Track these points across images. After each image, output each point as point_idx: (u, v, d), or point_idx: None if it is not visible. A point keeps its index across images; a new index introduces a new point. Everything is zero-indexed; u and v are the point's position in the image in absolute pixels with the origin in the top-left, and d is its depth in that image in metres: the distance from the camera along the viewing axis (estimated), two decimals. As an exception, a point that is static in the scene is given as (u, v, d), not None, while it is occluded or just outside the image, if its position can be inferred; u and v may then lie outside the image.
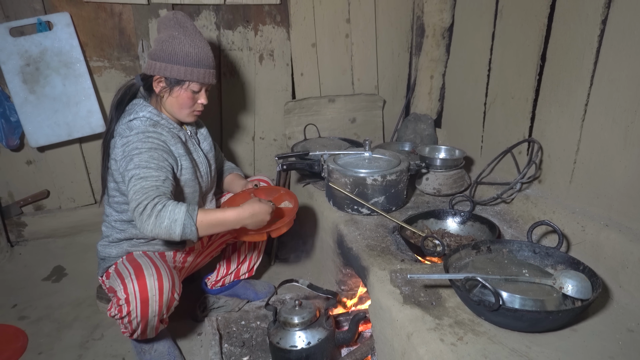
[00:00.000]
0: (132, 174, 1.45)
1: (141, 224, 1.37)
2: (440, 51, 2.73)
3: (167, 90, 1.64)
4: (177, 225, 1.37)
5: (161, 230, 1.37)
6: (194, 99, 1.67)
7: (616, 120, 1.61)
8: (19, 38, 2.20)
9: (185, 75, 1.60)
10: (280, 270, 2.47)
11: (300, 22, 2.66)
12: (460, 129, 2.66)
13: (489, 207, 2.10)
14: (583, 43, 1.73)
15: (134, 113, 1.62)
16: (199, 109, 1.72)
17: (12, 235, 2.54)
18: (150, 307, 1.48)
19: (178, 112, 1.68)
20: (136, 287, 1.47)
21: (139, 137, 1.53)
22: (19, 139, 2.36)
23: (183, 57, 1.59)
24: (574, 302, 1.27)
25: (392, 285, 1.47)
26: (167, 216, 1.36)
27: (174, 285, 1.54)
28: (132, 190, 1.41)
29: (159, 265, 1.56)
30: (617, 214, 1.63)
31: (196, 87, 1.65)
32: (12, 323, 2.00)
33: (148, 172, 1.45)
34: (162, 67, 1.60)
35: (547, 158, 1.97)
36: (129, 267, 1.56)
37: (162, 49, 1.60)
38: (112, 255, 1.71)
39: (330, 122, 2.85)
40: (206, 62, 1.64)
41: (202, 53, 1.62)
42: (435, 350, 1.18)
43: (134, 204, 1.38)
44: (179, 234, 1.38)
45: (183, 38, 1.60)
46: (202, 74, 1.63)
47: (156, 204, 1.37)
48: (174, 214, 1.37)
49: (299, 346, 1.56)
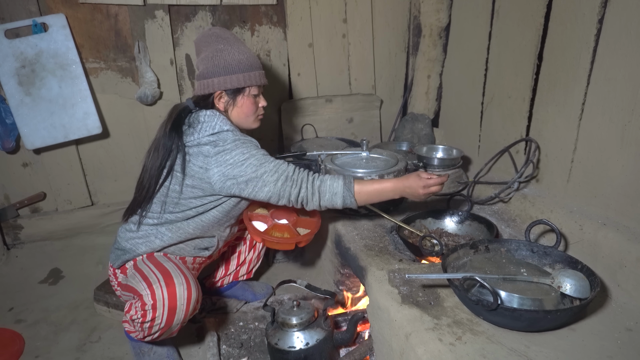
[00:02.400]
0: (262, 171, 1.55)
1: (305, 202, 1.58)
2: (437, 51, 2.73)
3: (231, 103, 1.67)
4: (337, 198, 1.56)
5: (324, 202, 1.58)
6: (255, 103, 1.71)
7: (613, 120, 1.61)
8: (14, 40, 2.19)
9: (245, 81, 1.64)
10: (278, 270, 2.46)
11: (296, 23, 2.66)
12: (458, 129, 2.66)
13: (487, 207, 2.10)
14: (580, 42, 1.73)
15: (217, 127, 1.59)
16: (261, 112, 1.76)
17: (8, 238, 2.53)
18: (177, 315, 1.49)
19: (245, 120, 1.72)
20: (165, 294, 1.46)
21: (237, 144, 1.57)
22: (15, 141, 2.35)
23: (237, 65, 1.62)
24: (572, 302, 1.28)
25: (390, 285, 1.47)
26: (327, 190, 1.56)
27: (199, 295, 1.55)
28: (269, 184, 1.55)
29: (187, 273, 1.55)
30: (614, 213, 1.63)
31: (255, 90, 1.68)
32: (9, 326, 1.98)
33: (274, 159, 1.59)
34: (220, 82, 1.62)
35: (544, 157, 1.97)
36: (155, 270, 1.54)
37: (215, 64, 1.62)
38: (139, 250, 1.65)
39: (328, 122, 2.85)
40: (257, 65, 1.69)
41: (251, 57, 1.67)
42: (433, 350, 1.18)
43: (276, 177, 1.55)
44: (340, 204, 1.57)
45: (230, 49, 1.63)
46: (257, 76, 1.67)
47: (313, 181, 1.57)
48: (332, 187, 1.56)
49: (298, 347, 1.55)
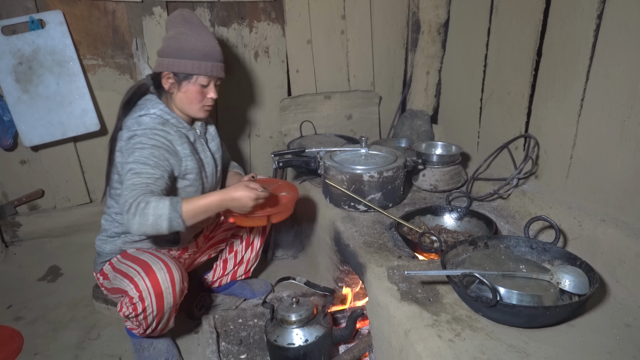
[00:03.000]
0: (129, 167, 1.48)
1: (127, 223, 1.39)
2: (436, 47, 2.73)
3: (176, 86, 1.65)
4: (163, 220, 1.38)
5: (147, 227, 1.39)
6: (202, 93, 1.68)
7: (612, 116, 1.61)
8: (11, 37, 2.18)
9: (193, 69, 1.61)
10: (277, 267, 2.46)
11: (295, 19, 2.65)
12: (457, 125, 2.66)
13: (486, 203, 2.10)
14: (579, 38, 1.73)
15: (145, 109, 1.62)
16: (209, 103, 1.72)
17: (6, 236, 2.53)
18: (165, 299, 1.52)
19: (188, 107, 1.69)
20: (148, 283, 1.50)
21: (146, 132, 1.55)
22: (13, 138, 2.34)
23: (190, 51, 1.60)
24: (571, 298, 1.28)
25: (389, 282, 1.47)
26: (152, 213, 1.38)
27: (182, 275, 1.58)
28: (125, 185, 1.45)
29: (164, 258, 1.60)
30: (613, 209, 1.63)
31: (204, 80, 1.66)
32: (8, 324, 1.98)
33: (144, 168, 1.48)
34: (169, 63, 1.61)
35: (543, 154, 1.97)
36: (133, 265, 1.58)
37: (170, 45, 1.62)
38: (106, 251, 1.72)
39: (326, 119, 2.84)
40: (213, 56, 1.65)
41: (208, 47, 1.64)
42: (433, 346, 1.18)
43: (122, 201, 1.42)
44: (166, 228, 1.40)
45: (190, 33, 1.62)
46: (209, 67, 1.64)
47: (139, 202, 1.39)
48: (158, 209, 1.38)
49: (297, 344, 1.55)
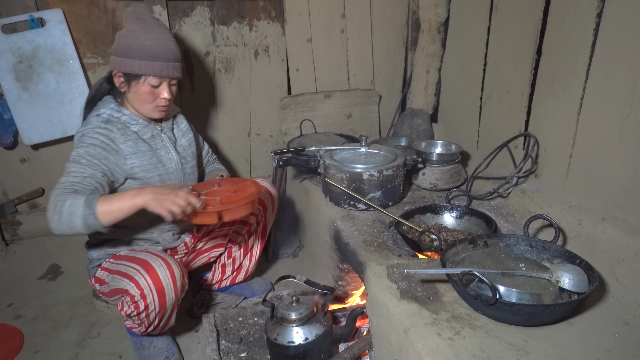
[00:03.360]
0: (65, 166, 1.51)
1: (48, 222, 1.40)
2: (436, 46, 2.72)
3: (126, 85, 1.62)
4: (76, 218, 1.37)
5: (63, 225, 1.38)
6: (154, 93, 1.62)
7: (612, 114, 1.61)
8: (11, 35, 2.18)
9: (140, 69, 1.56)
10: (277, 266, 2.47)
11: (295, 18, 2.65)
12: (457, 124, 2.66)
13: (486, 202, 2.10)
14: (578, 37, 1.73)
15: (97, 110, 1.64)
16: (162, 104, 1.66)
17: (7, 234, 2.53)
18: (167, 295, 1.52)
19: (140, 107, 1.65)
20: (149, 280, 1.50)
21: (88, 131, 1.56)
22: (13, 137, 2.34)
23: (138, 50, 1.55)
24: (571, 296, 1.28)
25: (389, 281, 1.47)
26: (66, 210, 1.37)
27: (182, 271, 1.59)
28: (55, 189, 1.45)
29: (162, 255, 1.60)
30: (613, 208, 1.63)
31: (154, 81, 1.60)
32: (8, 322, 1.99)
33: (75, 167, 1.49)
34: (118, 62, 1.58)
35: (543, 152, 1.97)
36: (130, 264, 1.58)
37: (119, 44, 1.59)
38: (94, 257, 1.75)
39: (326, 117, 2.84)
40: (164, 55, 1.58)
41: (158, 46, 1.57)
42: (432, 344, 1.18)
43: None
44: (81, 226, 1.38)
45: (139, 31, 1.57)
46: (158, 68, 1.57)
47: (58, 201, 1.38)
48: (72, 206, 1.37)
49: (297, 342, 1.55)
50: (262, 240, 2.08)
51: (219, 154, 2.72)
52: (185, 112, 2.59)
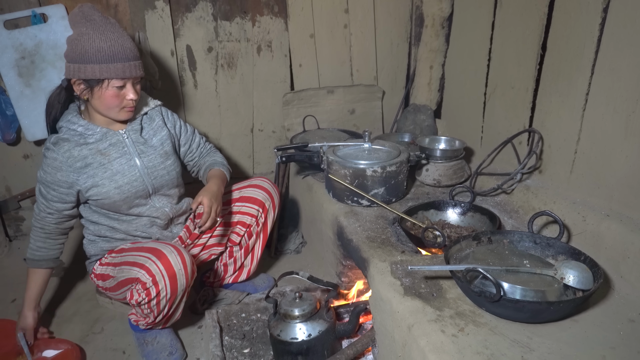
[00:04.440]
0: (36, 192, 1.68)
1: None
2: (440, 41, 2.71)
3: (89, 92, 1.56)
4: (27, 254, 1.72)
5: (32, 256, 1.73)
6: (119, 96, 1.57)
7: (617, 110, 1.60)
8: (13, 31, 2.17)
9: (102, 73, 1.50)
10: (280, 262, 2.47)
11: (298, 13, 2.64)
12: (460, 120, 2.65)
13: (490, 198, 2.09)
14: (584, 32, 1.72)
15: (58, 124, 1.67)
16: (129, 105, 1.61)
17: (10, 230, 2.53)
18: (179, 281, 1.54)
19: (107, 112, 1.60)
20: (161, 266, 1.50)
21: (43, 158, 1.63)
22: (16, 133, 2.34)
23: (95, 54, 1.48)
24: (575, 293, 1.27)
25: (392, 277, 1.47)
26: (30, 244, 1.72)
27: (191, 258, 1.60)
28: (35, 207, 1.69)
29: (171, 242, 1.63)
30: (618, 204, 1.62)
31: (118, 82, 1.54)
32: (12, 317, 1.99)
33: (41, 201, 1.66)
34: (75, 69, 1.51)
35: (547, 148, 1.96)
36: (140, 253, 1.59)
37: (73, 49, 1.51)
38: (91, 253, 1.77)
39: (329, 113, 2.83)
40: (122, 55, 1.52)
41: (116, 46, 1.50)
42: (436, 341, 1.18)
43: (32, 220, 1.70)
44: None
45: (92, 33, 1.49)
46: (120, 69, 1.51)
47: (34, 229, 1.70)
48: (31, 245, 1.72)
49: (300, 338, 1.56)
50: (264, 240, 2.06)
51: (221, 150, 2.71)
52: (188, 109, 2.58)
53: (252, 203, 1.95)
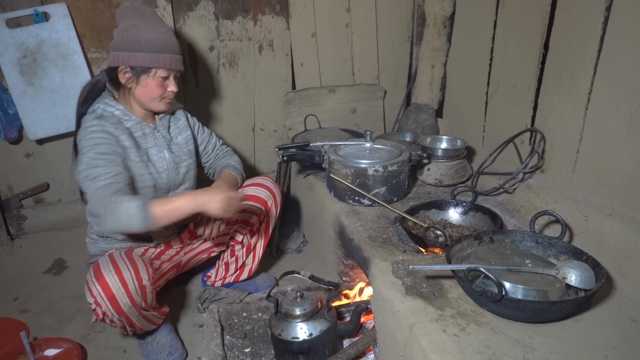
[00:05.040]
0: (84, 175, 1.49)
1: (103, 226, 1.46)
2: (442, 40, 2.71)
3: (134, 80, 1.61)
4: (133, 220, 1.41)
5: (121, 227, 1.44)
6: (163, 86, 1.64)
7: (620, 109, 1.59)
8: (15, 29, 2.18)
9: (151, 62, 1.57)
10: (282, 261, 2.46)
11: (299, 12, 2.63)
12: (462, 119, 2.64)
13: (491, 198, 2.09)
14: (587, 31, 1.71)
15: (94, 106, 1.63)
16: (169, 96, 1.69)
17: (12, 229, 2.54)
18: (120, 301, 1.47)
19: (148, 101, 1.66)
20: (98, 287, 1.46)
21: (84, 134, 1.56)
22: (18, 131, 2.35)
23: (146, 43, 1.55)
24: (577, 293, 1.27)
25: (394, 277, 1.46)
26: (123, 213, 1.41)
27: (137, 272, 1.51)
28: (88, 193, 1.49)
29: (117, 260, 1.55)
30: (620, 204, 1.62)
31: (163, 73, 1.61)
32: (13, 316, 1.99)
33: (97, 171, 1.48)
34: (125, 57, 1.56)
35: (549, 148, 1.95)
36: (90, 271, 1.55)
37: (124, 38, 1.57)
38: (92, 252, 1.77)
39: (331, 112, 2.83)
40: (171, 48, 1.60)
41: (165, 39, 1.59)
42: (437, 341, 1.18)
43: (91, 207, 1.51)
44: (136, 227, 1.43)
45: (144, 25, 1.57)
46: (167, 60, 1.59)
47: (108, 203, 1.43)
48: (129, 209, 1.41)
49: (301, 337, 1.55)
50: (265, 239, 2.06)
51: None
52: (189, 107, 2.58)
53: (255, 202, 1.95)
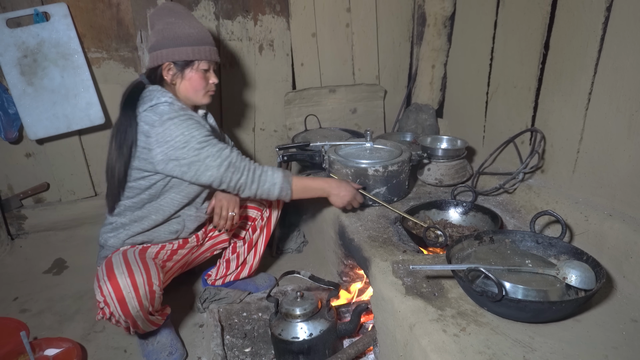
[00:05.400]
0: (202, 146, 1.55)
1: (240, 187, 1.63)
2: (442, 40, 2.71)
3: (179, 75, 1.66)
4: (276, 188, 1.65)
5: (263, 192, 1.65)
6: (205, 78, 1.69)
7: (620, 109, 1.59)
8: (15, 29, 2.18)
9: (193, 54, 1.63)
10: (282, 261, 2.46)
11: (300, 12, 2.63)
12: (462, 119, 2.64)
13: (492, 198, 2.09)
14: (587, 31, 1.71)
15: (155, 99, 1.59)
16: (212, 89, 1.74)
17: (12, 228, 2.54)
18: (129, 304, 1.46)
19: (194, 95, 1.70)
20: (110, 287, 1.45)
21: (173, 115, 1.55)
22: (18, 131, 2.35)
23: (186, 38, 1.62)
24: (578, 293, 1.27)
25: (394, 276, 1.46)
26: (268, 180, 1.64)
27: (149, 277, 1.51)
28: (211, 164, 1.57)
29: (131, 261, 1.54)
30: (620, 204, 1.62)
31: (205, 65, 1.67)
32: (14, 316, 1.99)
33: (215, 142, 1.60)
34: (168, 53, 1.62)
35: (550, 148, 1.95)
36: (103, 269, 1.54)
37: (164, 37, 1.62)
38: (109, 244, 1.71)
39: (331, 112, 2.83)
40: (208, 40, 1.68)
41: (202, 32, 1.66)
42: (437, 341, 1.18)
43: (231, 169, 1.59)
44: (275, 195, 1.66)
45: (180, 22, 1.63)
46: (207, 51, 1.66)
47: (254, 169, 1.63)
48: (274, 178, 1.65)
49: (301, 337, 1.55)
50: (267, 236, 2.08)
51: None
52: (190, 107, 2.57)
53: None
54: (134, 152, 1.59)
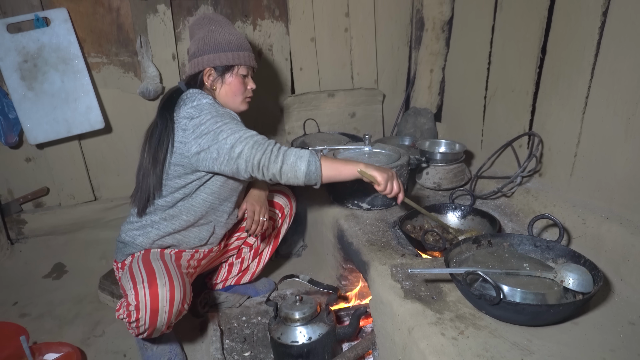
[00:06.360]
0: (225, 138, 1.51)
1: (268, 165, 1.48)
2: (440, 44, 2.72)
3: (219, 80, 1.69)
4: (302, 162, 1.48)
5: (288, 167, 1.48)
6: (244, 84, 1.73)
7: (617, 112, 1.60)
8: (16, 34, 2.19)
9: (233, 59, 1.67)
10: (281, 265, 2.47)
11: (299, 17, 2.65)
12: (461, 123, 2.65)
13: (490, 201, 2.09)
14: (584, 35, 1.72)
15: (197, 100, 1.61)
16: (250, 94, 1.77)
17: (12, 233, 2.54)
18: (159, 317, 1.46)
19: (232, 100, 1.73)
20: (147, 295, 1.43)
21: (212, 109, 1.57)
22: (18, 136, 2.35)
23: (226, 44, 1.66)
24: (575, 296, 1.27)
25: (392, 280, 1.47)
26: (293, 153, 1.49)
27: (184, 296, 1.51)
28: (242, 149, 1.50)
29: (172, 273, 1.53)
30: (618, 207, 1.63)
31: (244, 70, 1.72)
32: (13, 320, 1.99)
33: (245, 129, 1.57)
34: (209, 59, 1.65)
35: (547, 151, 1.96)
36: (142, 270, 1.53)
37: (205, 43, 1.66)
38: (137, 242, 1.68)
39: (330, 116, 2.84)
40: (247, 46, 1.73)
41: (241, 39, 1.71)
42: (436, 344, 1.18)
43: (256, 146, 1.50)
44: (304, 170, 1.48)
45: (221, 30, 1.68)
46: (247, 57, 1.70)
47: (279, 147, 1.52)
48: (300, 152, 1.50)
49: (300, 341, 1.56)
50: (274, 246, 2.08)
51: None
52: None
53: (273, 207, 1.97)
54: (170, 151, 1.60)
